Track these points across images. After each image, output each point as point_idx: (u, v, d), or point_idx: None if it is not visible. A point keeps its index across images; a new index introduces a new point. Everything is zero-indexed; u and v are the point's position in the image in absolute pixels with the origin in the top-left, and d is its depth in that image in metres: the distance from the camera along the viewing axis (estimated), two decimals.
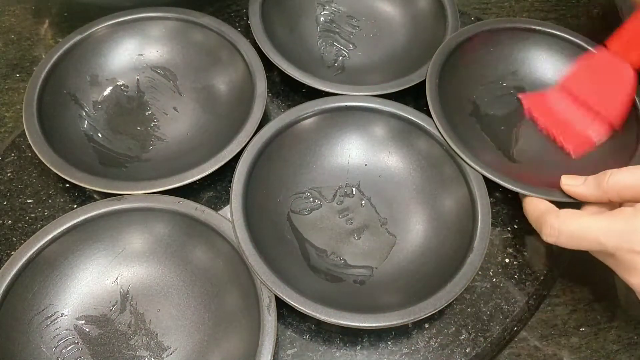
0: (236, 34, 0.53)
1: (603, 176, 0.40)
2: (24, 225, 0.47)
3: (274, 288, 0.39)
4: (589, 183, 0.41)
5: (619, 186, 0.39)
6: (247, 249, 0.40)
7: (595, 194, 0.40)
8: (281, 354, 0.42)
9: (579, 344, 0.44)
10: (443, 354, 0.42)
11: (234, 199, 0.43)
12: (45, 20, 0.61)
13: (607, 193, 0.39)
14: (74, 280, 0.42)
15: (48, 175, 0.49)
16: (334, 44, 0.60)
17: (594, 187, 0.40)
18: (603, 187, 0.40)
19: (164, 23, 0.55)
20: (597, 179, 0.40)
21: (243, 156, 0.46)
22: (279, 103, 0.56)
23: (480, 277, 0.45)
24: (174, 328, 0.42)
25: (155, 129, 0.52)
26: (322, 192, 0.49)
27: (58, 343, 0.40)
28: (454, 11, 0.57)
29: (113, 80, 0.54)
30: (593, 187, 0.41)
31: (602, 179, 0.40)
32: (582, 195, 0.42)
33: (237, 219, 0.42)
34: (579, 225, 0.38)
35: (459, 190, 0.46)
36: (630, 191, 0.38)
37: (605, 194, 0.40)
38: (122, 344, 0.41)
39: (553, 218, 0.40)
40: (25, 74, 0.57)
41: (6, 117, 0.54)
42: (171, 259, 0.44)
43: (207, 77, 0.55)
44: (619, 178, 0.39)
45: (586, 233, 0.38)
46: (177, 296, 0.43)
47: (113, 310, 0.42)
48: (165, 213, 0.43)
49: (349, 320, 0.38)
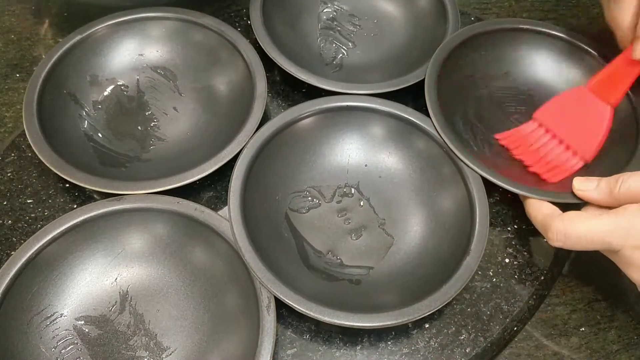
0: (236, 34, 0.53)
1: (615, 182, 0.40)
2: (24, 225, 0.47)
3: (270, 286, 0.39)
4: (601, 189, 0.41)
5: (631, 192, 0.39)
6: (244, 246, 0.40)
7: (607, 199, 0.40)
8: (281, 354, 0.42)
9: (579, 344, 0.44)
10: (443, 354, 0.42)
11: (232, 198, 0.43)
12: (45, 20, 0.61)
13: (618, 200, 0.39)
14: (73, 280, 0.42)
15: (48, 175, 0.49)
16: (334, 42, 0.60)
17: (606, 194, 0.40)
18: (615, 194, 0.40)
19: (164, 23, 0.55)
20: (608, 185, 0.40)
21: (242, 154, 0.46)
22: (279, 102, 0.55)
23: (480, 277, 0.45)
24: (173, 328, 0.42)
25: (155, 129, 0.52)
26: (321, 191, 0.49)
27: (57, 343, 0.40)
28: (454, 11, 0.56)
29: (113, 80, 0.54)
30: (605, 193, 0.40)
31: (614, 186, 0.40)
32: (593, 200, 0.42)
33: (235, 216, 0.42)
34: (585, 228, 0.38)
35: (457, 191, 0.46)
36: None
37: (617, 201, 0.40)
38: (121, 345, 0.41)
39: (558, 222, 0.39)
40: (25, 74, 0.57)
41: (6, 117, 0.54)
42: (170, 260, 0.44)
43: (207, 77, 0.55)
44: (631, 185, 0.39)
45: (593, 235, 0.38)
46: (177, 296, 0.43)
47: (112, 310, 0.42)
48: (164, 213, 0.43)
49: (344, 319, 0.38)
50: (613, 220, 0.38)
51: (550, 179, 0.47)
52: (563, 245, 0.40)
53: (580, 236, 0.39)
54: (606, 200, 0.41)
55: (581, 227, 0.39)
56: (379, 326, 0.39)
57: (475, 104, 0.53)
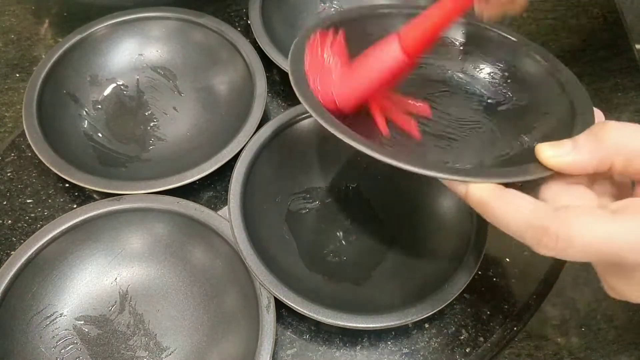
0: (236, 34, 0.53)
1: (601, 132, 0.28)
2: (24, 225, 0.47)
3: (272, 288, 0.39)
4: (581, 147, 0.29)
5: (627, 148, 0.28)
6: (245, 248, 0.40)
7: (595, 157, 0.28)
8: (281, 354, 0.42)
9: (579, 344, 0.44)
10: (443, 354, 0.42)
11: (232, 198, 0.43)
12: (45, 20, 0.61)
13: (608, 156, 0.28)
14: (73, 280, 0.42)
15: (48, 175, 0.49)
16: None
17: (591, 151, 0.28)
18: (605, 146, 0.28)
19: (164, 23, 0.55)
20: (590, 138, 0.29)
21: (242, 155, 0.45)
22: (279, 102, 0.55)
23: (480, 277, 0.45)
24: (173, 328, 0.42)
25: (155, 128, 0.52)
26: (321, 192, 0.49)
27: (57, 343, 0.40)
28: None
29: (113, 80, 0.54)
30: (589, 151, 0.28)
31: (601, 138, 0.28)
32: (573, 166, 0.29)
33: (235, 218, 0.42)
34: (600, 234, 0.26)
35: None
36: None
37: (608, 158, 0.28)
38: (121, 344, 0.41)
39: (557, 223, 0.27)
40: (25, 74, 0.57)
41: (6, 117, 0.54)
42: (170, 260, 0.44)
43: (207, 77, 0.55)
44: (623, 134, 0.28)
45: (608, 245, 0.26)
46: (176, 296, 0.43)
47: (112, 310, 0.42)
48: (164, 213, 0.43)
49: (346, 321, 0.38)
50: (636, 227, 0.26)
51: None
52: (559, 254, 0.27)
53: (591, 244, 0.26)
54: (593, 161, 0.29)
55: (594, 233, 0.26)
56: (382, 327, 0.39)
57: None
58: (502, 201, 0.29)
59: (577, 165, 0.29)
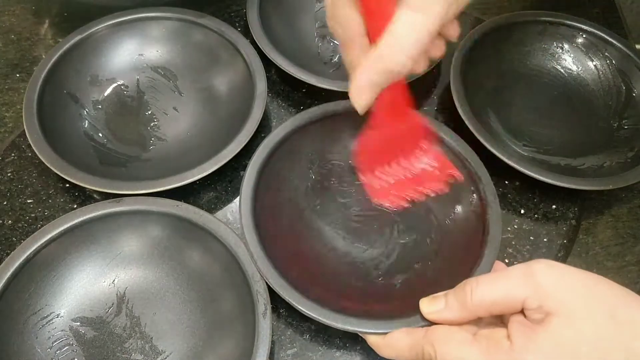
0: (236, 34, 0.53)
1: (464, 294, 0.35)
2: (24, 225, 0.47)
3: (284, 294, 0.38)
4: (451, 305, 0.35)
5: (486, 304, 0.34)
6: (256, 251, 0.40)
7: (462, 315, 0.35)
8: (281, 354, 0.42)
9: None
10: None
11: (243, 201, 0.42)
12: (45, 20, 0.61)
13: (474, 312, 0.35)
14: (70, 281, 0.42)
15: (48, 175, 0.49)
16: (331, 41, 0.59)
17: (459, 309, 0.35)
18: (469, 306, 0.34)
19: (164, 23, 0.55)
20: (458, 299, 0.35)
21: (253, 158, 0.45)
22: (279, 102, 0.55)
23: None
24: (169, 332, 0.41)
25: (155, 129, 0.52)
26: (333, 195, 0.48)
27: (53, 344, 0.40)
28: None
29: (113, 80, 0.54)
30: (458, 309, 0.35)
31: (465, 298, 0.34)
32: (448, 320, 0.36)
33: (246, 220, 0.41)
34: (459, 356, 0.33)
35: (469, 196, 0.45)
36: (498, 307, 0.34)
37: (473, 313, 0.35)
38: (116, 347, 0.41)
39: (428, 345, 0.34)
40: (25, 74, 0.57)
41: (6, 117, 0.54)
42: (168, 263, 0.44)
43: (207, 77, 0.55)
44: (483, 294, 0.34)
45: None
46: (173, 300, 0.43)
47: (109, 312, 0.42)
48: (163, 216, 0.43)
49: (355, 326, 0.37)
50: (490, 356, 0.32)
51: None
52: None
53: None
54: (462, 316, 0.35)
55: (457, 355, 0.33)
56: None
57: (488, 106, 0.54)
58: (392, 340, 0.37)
59: (449, 321, 0.36)
